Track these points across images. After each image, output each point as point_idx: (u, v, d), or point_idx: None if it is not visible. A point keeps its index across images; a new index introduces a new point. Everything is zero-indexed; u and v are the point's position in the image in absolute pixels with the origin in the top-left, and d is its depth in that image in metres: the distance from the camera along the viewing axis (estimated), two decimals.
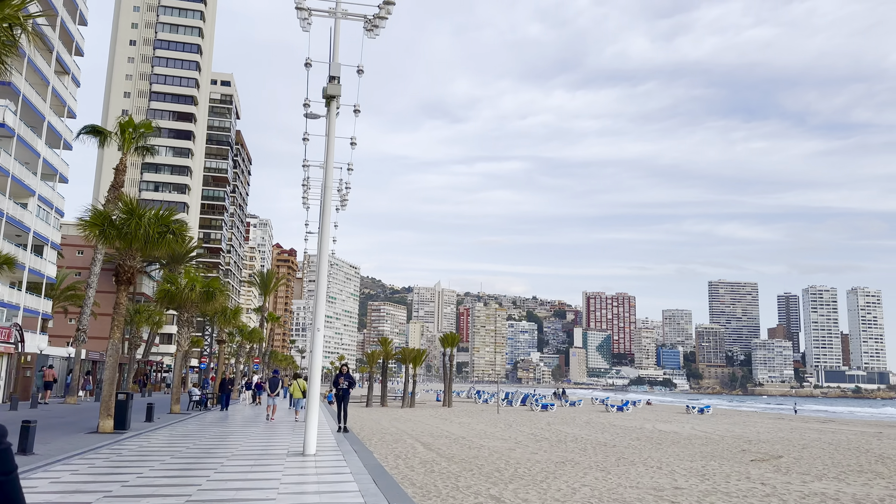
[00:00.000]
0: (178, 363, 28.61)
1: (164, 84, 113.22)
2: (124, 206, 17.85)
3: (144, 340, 69.34)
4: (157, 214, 18.20)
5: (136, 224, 17.56)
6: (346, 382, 19.36)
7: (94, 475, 10.17)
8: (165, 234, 18.27)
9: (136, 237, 17.62)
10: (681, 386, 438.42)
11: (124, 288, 17.98)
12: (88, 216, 17.82)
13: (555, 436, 30.87)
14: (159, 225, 18.03)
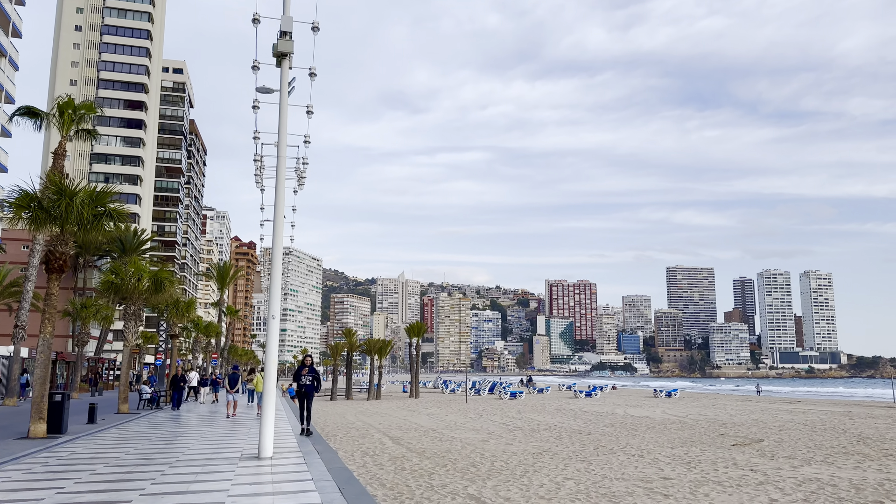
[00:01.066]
0: (126, 359, 26.62)
1: (112, 71, 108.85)
2: (53, 185, 15.96)
3: (95, 337, 66.34)
4: (92, 194, 16.36)
5: (66, 205, 15.72)
6: (310, 377, 16.26)
7: (4, 491, 8.53)
8: (101, 217, 16.45)
9: (67, 220, 15.77)
10: (641, 370, 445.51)
11: (56, 277, 16.10)
12: (14, 198, 15.90)
13: (527, 425, 29.79)
14: (94, 206, 16.21)
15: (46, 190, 15.98)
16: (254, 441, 15.08)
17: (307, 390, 16.31)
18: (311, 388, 16.34)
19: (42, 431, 15.69)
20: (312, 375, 16.37)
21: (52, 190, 15.93)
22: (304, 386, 16.29)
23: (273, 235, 12.35)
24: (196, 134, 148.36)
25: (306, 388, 16.29)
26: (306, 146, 16.40)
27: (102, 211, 16.51)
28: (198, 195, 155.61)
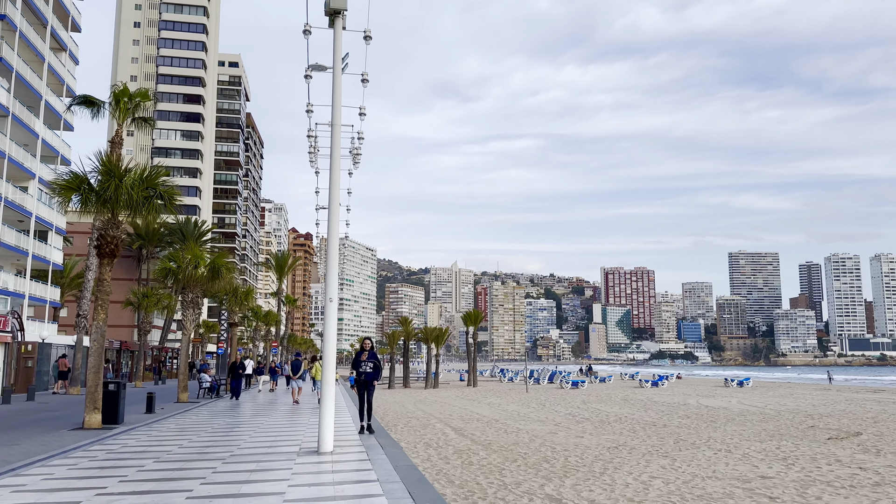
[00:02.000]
0: (185, 348, 26.29)
1: (170, 66, 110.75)
2: (102, 165, 15.34)
3: (159, 327, 67.54)
4: (141, 175, 15.70)
5: (116, 186, 15.08)
6: (371, 364, 14.11)
7: (42, 491, 7.69)
8: (152, 199, 15.78)
9: (118, 202, 15.15)
10: (702, 359, 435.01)
11: (108, 262, 15.53)
12: (63, 180, 15.37)
13: (595, 416, 28.31)
14: (144, 187, 15.54)
15: (96, 172, 15.35)
16: (313, 433, 14.18)
17: (367, 379, 14.08)
18: (372, 376, 14.12)
19: (97, 422, 15.16)
20: (373, 362, 14.22)
21: (101, 171, 15.31)
22: (363, 374, 14.06)
23: (329, 212, 11.30)
24: (252, 127, 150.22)
25: (366, 377, 14.06)
26: (361, 119, 15.31)
27: (153, 192, 15.84)
28: (256, 187, 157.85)
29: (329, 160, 11.65)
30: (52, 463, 10.21)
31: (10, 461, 10.42)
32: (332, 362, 11.36)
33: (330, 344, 11.38)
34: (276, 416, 19.26)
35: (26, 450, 11.93)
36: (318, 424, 15.85)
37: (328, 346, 11.36)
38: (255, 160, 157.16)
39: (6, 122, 40.91)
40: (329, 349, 11.36)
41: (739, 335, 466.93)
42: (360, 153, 19.27)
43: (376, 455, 10.40)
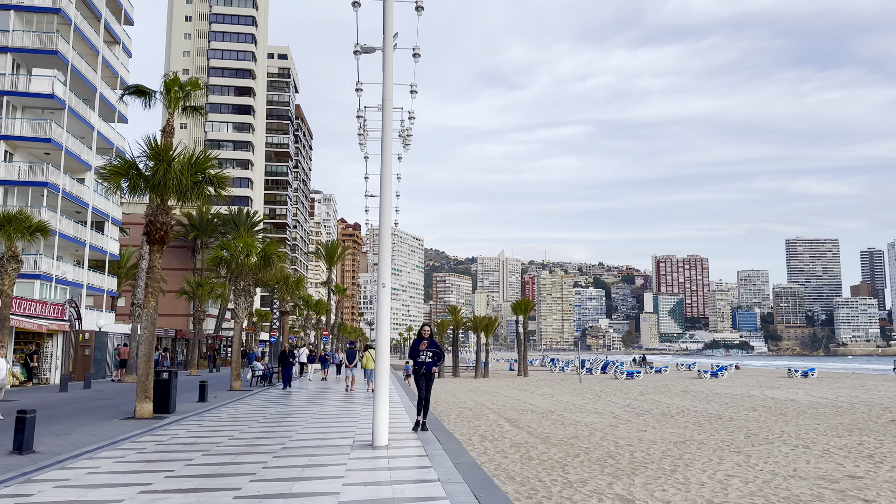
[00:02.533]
0: (237, 336, 26.19)
1: (221, 59, 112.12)
2: (150, 150, 15.02)
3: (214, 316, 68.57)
4: (190, 159, 15.35)
5: (164, 171, 14.75)
6: (431, 353, 12.23)
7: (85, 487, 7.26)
8: (201, 184, 15.41)
9: (166, 187, 14.83)
10: (758, 348, 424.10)
11: (157, 248, 15.25)
12: (111, 165, 15.12)
13: (655, 408, 27.19)
14: (193, 172, 15.19)
15: (145, 157, 15.05)
16: (366, 424, 13.62)
17: (427, 369, 12.15)
18: (432, 365, 12.23)
19: (148, 411, 14.91)
20: (433, 350, 12.28)
21: (149, 156, 14.99)
22: (423, 365, 12.14)
23: (381, 192, 10.63)
24: (302, 118, 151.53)
25: (426, 368, 12.14)
26: (413, 96, 14.59)
27: (202, 177, 15.46)
28: (305, 178, 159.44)
29: (381, 140, 10.99)
30: (99, 455, 9.85)
31: (58, 452, 10.11)
32: (386, 350, 10.73)
33: (383, 331, 10.74)
34: (329, 406, 18.84)
35: (76, 440, 11.66)
36: (371, 415, 15.37)
37: (381, 333, 10.72)
38: (305, 151, 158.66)
39: (63, 114, 41.62)
40: (382, 336, 10.73)
41: (797, 324, 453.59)
42: (410, 134, 18.59)
43: (434, 450, 9.74)
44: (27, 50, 40.05)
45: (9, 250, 19.68)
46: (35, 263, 39.71)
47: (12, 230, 19.73)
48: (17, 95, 39.85)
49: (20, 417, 9.82)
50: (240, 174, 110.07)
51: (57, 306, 30.21)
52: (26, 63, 40.99)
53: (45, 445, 10.92)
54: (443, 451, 9.66)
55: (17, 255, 19.97)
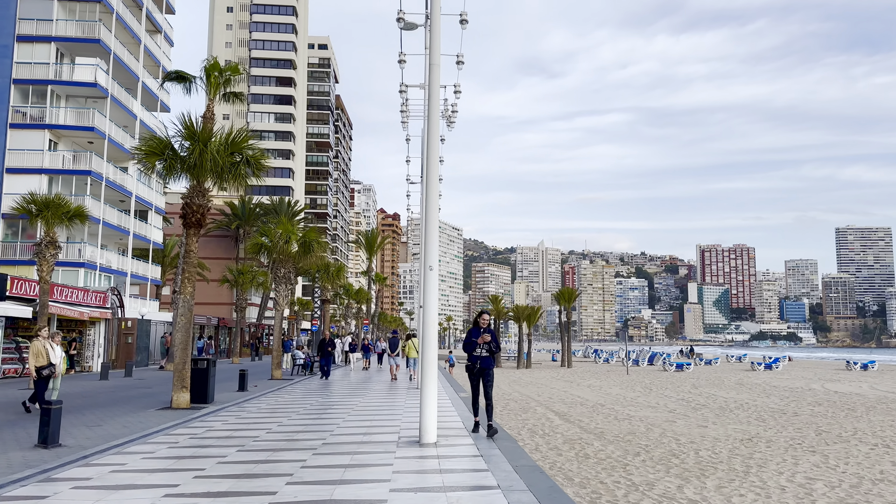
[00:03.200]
0: (278, 324, 25.69)
1: (262, 49, 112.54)
2: (185, 129, 14.37)
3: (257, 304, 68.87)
4: (227, 139, 14.67)
5: (200, 151, 14.09)
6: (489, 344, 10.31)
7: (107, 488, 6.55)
8: (239, 165, 14.72)
9: (202, 168, 14.18)
10: (807, 340, 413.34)
11: (194, 232, 14.64)
12: (146, 145, 14.51)
13: (712, 401, 25.84)
14: (229, 152, 14.50)
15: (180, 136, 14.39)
16: (411, 417, 12.78)
17: (483, 365, 10.29)
18: (490, 362, 10.35)
19: (185, 401, 14.32)
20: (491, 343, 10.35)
21: (184, 135, 14.34)
22: (478, 360, 10.27)
23: (427, 154, 9.69)
24: (342, 109, 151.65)
25: (483, 363, 10.27)
26: (459, 68, 13.60)
27: (239, 158, 14.76)
28: (345, 169, 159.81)
29: (426, 107, 10.03)
30: (128, 449, 9.19)
31: (85, 446, 9.49)
32: (434, 338, 9.82)
33: (430, 317, 9.83)
34: (371, 397, 18.08)
35: (106, 432, 11.07)
36: (416, 408, 14.57)
37: (428, 320, 9.81)
38: (345, 142, 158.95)
39: (106, 103, 41.73)
40: (429, 323, 9.82)
41: (847, 315, 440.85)
42: (455, 110, 17.64)
43: (489, 450, 8.82)
44: (70, 39, 40.18)
45: (47, 236, 19.41)
46: (80, 252, 40.00)
47: (50, 216, 19.44)
48: (60, 84, 40.05)
49: (45, 409, 9.22)
50: (281, 164, 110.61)
51: (99, 294, 30.17)
52: (69, 52, 41.16)
53: (74, 438, 10.33)
54: (498, 451, 8.73)
55: (55, 241, 19.71)
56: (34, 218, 20.15)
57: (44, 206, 19.85)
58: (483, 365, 10.37)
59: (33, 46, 40.06)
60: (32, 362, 13.15)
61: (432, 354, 9.70)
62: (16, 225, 37.84)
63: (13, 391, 20.34)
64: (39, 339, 13.37)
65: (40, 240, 19.70)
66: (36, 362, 13.13)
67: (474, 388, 10.61)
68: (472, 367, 10.46)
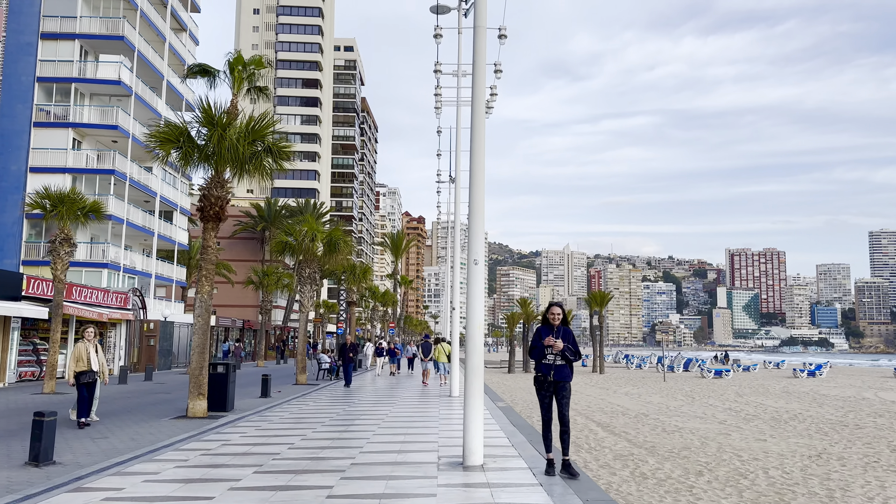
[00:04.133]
0: (303, 326, 24.58)
1: (288, 51, 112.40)
2: (203, 114, 13.26)
3: (283, 307, 68.17)
4: (248, 126, 13.54)
5: (219, 138, 12.97)
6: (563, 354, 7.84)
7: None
8: (260, 154, 13.58)
9: (220, 155, 13.06)
10: (839, 346, 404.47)
11: (212, 227, 13.53)
12: (160, 131, 13.43)
13: (761, 411, 24.18)
14: (250, 140, 13.37)
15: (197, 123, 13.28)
16: (449, 431, 11.49)
17: (559, 377, 7.84)
18: (567, 373, 7.89)
19: (202, 410, 13.19)
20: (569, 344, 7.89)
21: (202, 122, 13.23)
22: (551, 370, 7.84)
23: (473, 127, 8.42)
24: (367, 111, 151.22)
25: (556, 374, 7.83)
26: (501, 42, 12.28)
27: (261, 147, 13.62)
28: (371, 171, 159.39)
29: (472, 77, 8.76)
30: (130, 469, 8.01)
31: (82, 465, 8.34)
32: (479, 342, 8.50)
33: (475, 318, 8.50)
34: (402, 406, 16.82)
35: (111, 446, 9.92)
36: (452, 419, 13.31)
37: (473, 322, 8.49)
38: (370, 144, 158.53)
39: (130, 101, 41.15)
40: (474, 325, 8.50)
41: (881, 320, 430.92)
42: (495, 94, 16.35)
43: (548, 478, 7.47)
44: (94, 36, 39.64)
45: (61, 232, 18.52)
46: (103, 252, 39.41)
47: (65, 211, 18.55)
48: (84, 82, 39.52)
49: (37, 421, 8.08)
50: (307, 166, 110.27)
51: (120, 295, 29.36)
52: (93, 49, 40.63)
53: (72, 453, 9.20)
54: (558, 478, 7.38)
55: (70, 237, 18.81)
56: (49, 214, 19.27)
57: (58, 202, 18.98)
58: (558, 377, 7.78)
59: (57, 44, 39.60)
60: (72, 367, 11.83)
61: (478, 360, 8.38)
62: (39, 225, 37.31)
63: (26, 396, 19.45)
64: (83, 342, 12.08)
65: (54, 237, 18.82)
66: (76, 367, 11.80)
67: (545, 410, 8.00)
68: (542, 380, 7.92)
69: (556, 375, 7.85)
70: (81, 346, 11.96)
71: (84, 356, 11.84)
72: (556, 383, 7.88)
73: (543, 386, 8.01)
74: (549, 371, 7.90)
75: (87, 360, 11.83)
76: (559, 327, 7.99)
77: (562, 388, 7.91)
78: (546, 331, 7.99)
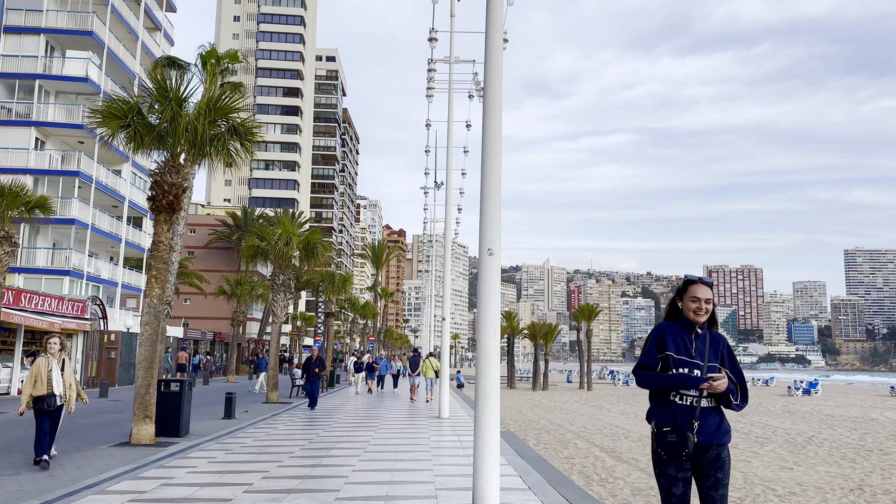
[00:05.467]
0: (275, 339, 22.47)
1: (269, 59, 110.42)
2: (156, 86, 11.24)
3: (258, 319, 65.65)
4: (209, 102, 11.54)
5: (173, 114, 10.97)
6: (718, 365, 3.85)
7: None
8: (223, 135, 11.60)
9: (176, 135, 11.06)
10: (816, 362, 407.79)
11: (165, 219, 11.49)
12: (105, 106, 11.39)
13: (771, 433, 22.45)
14: (212, 118, 11.37)
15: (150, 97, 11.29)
16: (445, 465, 9.53)
17: (708, 438, 3.78)
18: (722, 428, 3.84)
19: (148, 436, 11.08)
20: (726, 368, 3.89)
21: (155, 96, 11.24)
22: (694, 419, 3.77)
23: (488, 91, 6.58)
24: (349, 122, 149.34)
25: (702, 432, 3.77)
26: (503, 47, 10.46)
27: (224, 126, 11.65)
28: (352, 183, 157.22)
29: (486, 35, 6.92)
30: None
31: None
32: (494, 354, 6.56)
33: (489, 325, 6.57)
34: (385, 431, 14.80)
35: (17, 488, 7.81)
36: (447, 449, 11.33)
37: (485, 331, 6.56)
38: (351, 156, 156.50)
39: (98, 100, 38.79)
40: (487, 335, 6.56)
41: (857, 338, 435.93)
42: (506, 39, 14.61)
43: None
44: (61, 31, 37.46)
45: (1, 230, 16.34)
46: (66, 259, 37.04)
47: (5, 205, 16.38)
48: (49, 79, 37.30)
49: None
50: (286, 176, 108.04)
51: (77, 303, 27.06)
52: (60, 45, 38.42)
53: None
54: None
55: (11, 236, 16.65)
56: None
57: None
58: (707, 436, 3.80)
59: (21, 38, 37.35)
60: (28, 390, 8.99)
61: (493, 381, 6.44)
62: None
63: None
64: (44, 357, 9.23)
65: None
66: (33, 390, 8.98)
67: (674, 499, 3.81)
68: (672, 442, 3.79)
69: (703, 435, 3.80)
70: (41, 363, 9.14)
71: (43, 376, 9.01)
72: (706, 450, 3.81)
73: (674, 451, 3.77)
74: (690, 421, 3.80)
75: (46, 380, 9.03)
76: (705, 332, 4.02)
77: (715, 462, 3.79)
78: (677, 333, 4.01)
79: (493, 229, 6.46)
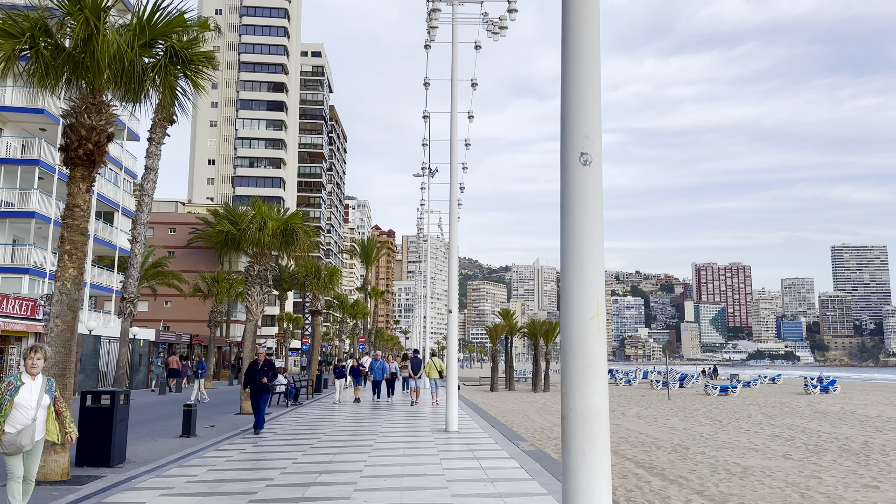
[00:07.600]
0: (250, 337, 19.43)
1: (252, 53, 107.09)
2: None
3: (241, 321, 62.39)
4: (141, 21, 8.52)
5: (90, 33, 7.94)
6: None
7: None
8: (162, 60, 8.61)
9: (94, 60, 8.09)
10: (805, 359, 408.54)
11: (80, 174, 8.49)
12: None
13: (817, 438, 19.70)
14: (146, 40, 8.39)
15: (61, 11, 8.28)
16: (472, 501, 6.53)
17: None
18: None
19: (59, 469, 8.06)
20: None
21: (68, 8, 8.25)
22: None
23: None
24: (336, 120, 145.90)
25: None
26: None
27: (163, 46, 8.68)
28: (339, 182, 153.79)
29: None
30: None
31: None
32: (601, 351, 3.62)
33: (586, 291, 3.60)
34: (382, 454, 11.84)
35: None
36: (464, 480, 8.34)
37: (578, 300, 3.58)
38: (339, 154, 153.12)
39: None
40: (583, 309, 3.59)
41: (845, 334, 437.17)
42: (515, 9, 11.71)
43: None
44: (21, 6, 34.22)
45: None
46: (27, 256, 33.89)
47: None
48: None
49: None
50: (272, 173, 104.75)
51: (26, 302, 23.92)
52: None
53: None
54: None
55: None
56: None
57: None
58: None
59: None
60: None
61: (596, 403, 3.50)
62: None
63: None
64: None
65: None
66: None
67: None
68: None
69: None
70: None
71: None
72: None
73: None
74: None
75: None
76: None
77: None
78: None
79: (590, 117, 3.51)
